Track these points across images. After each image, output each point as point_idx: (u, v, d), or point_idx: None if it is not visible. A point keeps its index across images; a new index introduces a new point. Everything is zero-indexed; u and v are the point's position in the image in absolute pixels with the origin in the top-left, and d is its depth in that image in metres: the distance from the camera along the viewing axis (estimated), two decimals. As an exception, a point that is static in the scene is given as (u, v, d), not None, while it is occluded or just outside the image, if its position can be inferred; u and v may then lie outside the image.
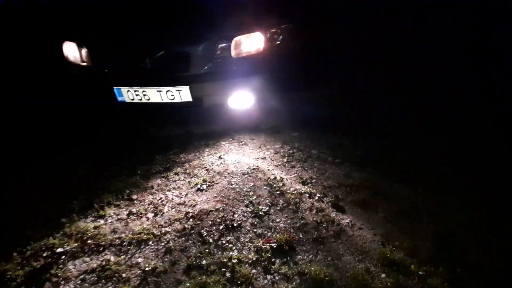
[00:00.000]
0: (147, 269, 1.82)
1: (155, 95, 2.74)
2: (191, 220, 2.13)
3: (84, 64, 2.90)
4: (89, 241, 2.01)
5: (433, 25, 4.21)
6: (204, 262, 1.83)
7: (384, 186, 2.32)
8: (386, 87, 3.58)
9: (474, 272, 1.72)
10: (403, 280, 1.69)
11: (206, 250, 1.91)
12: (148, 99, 2.77)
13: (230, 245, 1.93)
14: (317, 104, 3.22)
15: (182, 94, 2.70)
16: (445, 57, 3.80)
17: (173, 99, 2.74)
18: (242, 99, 2.82)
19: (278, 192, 2.31)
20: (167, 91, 2.70)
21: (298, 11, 3.21)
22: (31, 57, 4.47)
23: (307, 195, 2.27)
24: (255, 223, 2.08)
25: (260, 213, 2.14)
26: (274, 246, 1.89)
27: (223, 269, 1.79)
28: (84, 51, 2.87)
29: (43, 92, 3.89)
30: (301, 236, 1.97)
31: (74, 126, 3.36)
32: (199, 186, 2.43)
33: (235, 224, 2.07)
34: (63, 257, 1.93)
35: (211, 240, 1.97)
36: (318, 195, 2.26)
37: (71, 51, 2.97)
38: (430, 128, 3.00)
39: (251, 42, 2.68)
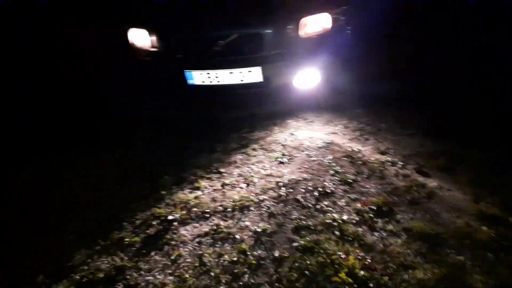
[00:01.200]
0: (257, 230, 1.95)
1: (226, 76, 2.86)
2: (283, 188, 2.26)
3: (153, 49, 3.01)
4: (194, 209, 2.15)
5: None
6: (310, 223, 1.96)
7: (460, 152, 2.43)
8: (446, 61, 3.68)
9: None
10: (503, 231, 1.81)
11: (308, 213, 2.04)
12: (219, 81, 2.89)
13: (330, 208, 2.06)
14: (376, 81, 3.32)
15: (253, 75, 2.82)
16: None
17: (243, 80, 2.86)
18: (307, 78, 2.93)
19: (360, 162, 2.43)
20: (239, 72, 2.81)
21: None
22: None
23: (389, 163, 2.39)
24: (347, 189, 2.20)
25: (349, 180, 2.26)
26: (373, 208, 2.02)
27: (330, 228, 1.91)
28: (153, 37, 2.98)
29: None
30: (395, 199, 2.09)
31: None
32: (280, 159, 2.55)
33: (328, 191, 2.20)
34: (175, 224, 2.06)
35: (309, 205, 2.10)
36: (400, 163, 2.38)
37: (138, 37, 3.08)
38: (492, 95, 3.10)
39: (319, 22, 2.79)
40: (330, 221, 1.95)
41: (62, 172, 2.70)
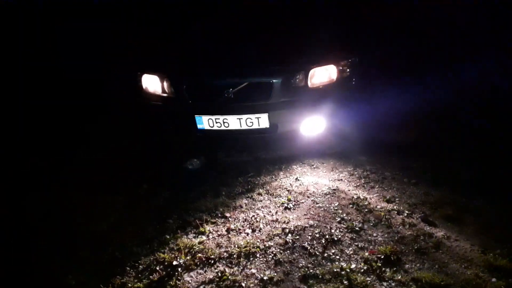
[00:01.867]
0: (264, 278, 1.91)
1: (235, 122, 2.93)
2: (289, 235, 2.24)
3: (165, 95, 3.12)
4: (198, 255, 2.12)
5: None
6: (317, 271, 1.93)
7: (465, 202, 2.43)
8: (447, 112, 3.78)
9: None
10: (515, 284, 1.77)
11: (315, 261, 2.01)
12: (227, 126, 2.96)
13: (337, 257, 2.03)
14: (379, 130, 3.38)
15: (260, 121, 2.89)
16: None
17: (251, 126, 2.93)
18: (313, 125, 3.00)
19: (366, 210, 2.42)
20: (247, 118, 2.89)
21: (362, 45, 3.48)
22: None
23: (395, 212, 2.38)
24: (354, 237, 2.18)
25: (356, 228, 2.25)
26: (381, 257, 1.99)
27: (338, 278, 1.88)
28: (165, 83, 3.09)
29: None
30: (402, 248, 2.07)
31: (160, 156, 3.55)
32: (285, 205, 2.55)
33: (335, 238, 2.18)
34: (179, 269, 2.03)
35: (317, 253, 2.07)
36: (406, 211, 2.37)
37: (151, 83, 3.20)
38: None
39: (326, 74, 2.91)
40: (338, 270, 1.92)
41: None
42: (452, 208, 2.37)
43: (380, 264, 1.94)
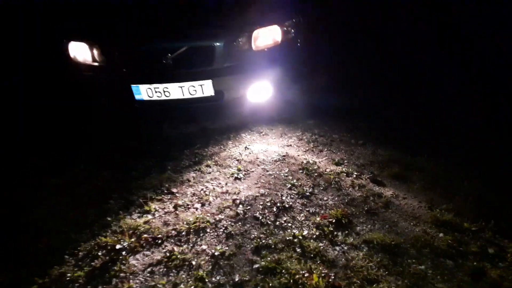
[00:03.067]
0: (215, 253, 1.80)
1: (176, 91, 2.70)
2: (240, 206, 2.13)
3: (96, 64, 2.79)
4: (144, 236, 1.95)
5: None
6: (270, 241, 1.85)
7: (411, 160, 2.47)
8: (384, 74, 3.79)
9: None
10: (459, 237, 1.82)
11: (267, 231, 1.93)
12: (169, 96, 2.73)
13: (289, 224, 1.97)
14: (325, 93, 3.33)
15: (204, 88, 2.69)
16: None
17: (194, 95, 2.72)
18: (260, 91, 2.86)
19: (315, 174, 2.37)
20: (190, 86, 2.67)
21: (307, 6, 3.32)
22: (31, 57, 4.24)
23: (345, 174, 2.36)
24: (305, 203, 2.13)
25: (306, 193, 2.19)
26: (333, 221, 1.95)
27: (291, 246, 1.82)
28: (95, 50, 2.76)
29: (49, 92, 3.71)
30: (353, 210, 2.05)
31: (84, 127, 3.20)
32: (235, 175, 2.43)
33: (286, 206, 2.11)
34: (123, 253, 1.85)
35: (268, 222, 1.99)
36: (355, 173, 2.36)
37: (79, 51, 2.84)
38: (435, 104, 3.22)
39: (270, 35, 2.74)
40: (291, 238, 1.86)
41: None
42: (398, 167, 2.40)
43: (332, 229, 1.90)
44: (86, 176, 2.56)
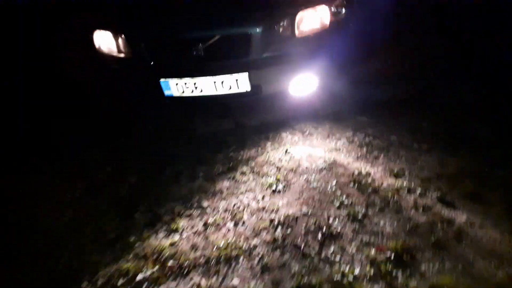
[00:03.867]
0: (249, 293, 1.57)
1: (209, 86, 2.44)
2: (279, 228, 1.87)
3: (122, 55, 2.57)
4: (169, 263, 1.75)
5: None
6: (313, 280, 1.58)
7: (488, 174, 2.05)
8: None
9: None
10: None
11: (310, 265, 1.66)
12: (201, 91, 2.47)
13: (337, 258, 1.68)
14: (380, 83, 2.91)
15: (240, 83, 2.40)
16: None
17: (229, 90, 2.44)
18: (304, 84, 2.52)
19: (370, 190, 2.04)
20: (223, 80, 2.39)
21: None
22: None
23: (406, 190, 2.00)
24: (356, 228, 1.82)
25: (359, 216, 1.88)
26: (391, 256, 1.64)
27: (339, 288, 1.54)
28: (121, 40, 2.53)
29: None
30: (416, 241, 1.71)
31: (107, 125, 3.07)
32: (274, 187, 2.16)
33: (334, 232, 1.81)
34: (145, 284, 1.67)
35: (312, 253, 1.71)
36: (419, 189, 1.99)
37: (104, 41, 2.63)
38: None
39: (316, 18, 2.36)
40: (339, 277, 1.58)
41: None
42: (473, 182, 1.99)
43: (390, 267, 1.59)
44: (109, 181, 2.42)
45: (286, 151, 2.47)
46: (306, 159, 2.36)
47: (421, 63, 3.17)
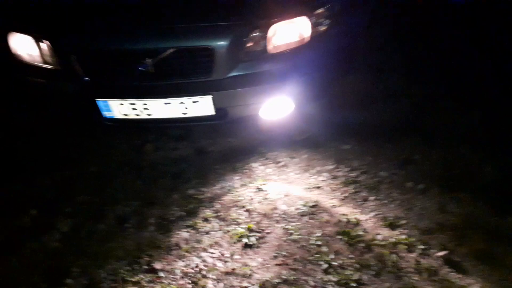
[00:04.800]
0: None
1: (161, 109, 2.01)
2: (253, 304, 1.51)
3: (48, 66, 2.06)
4: None
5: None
6: None
7: (499, 223, 1.81)
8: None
9: None
10: None
11: None
12: (150, 115, 2.03)
13: None
14: (367, 103, 2.62)
15: (200, 106, 1.99)
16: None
17: (187, 114, 2.02)
18: (279, 107, 2.15)
19: (362, 245, 1.73)
20: (180, 103, 1.97)
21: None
22: None
23: (405, 247, 1.70)
24: (351, 303, 1.50)
25: (351, 283, 1.55)
26: None
27: None
28: (45, 47, 2.02)
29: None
30: (425, 321, 1.42)
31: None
32: (245, 239, 1.79)
33: (324, 310, 1.48)
34: None
35: None
36: (420, 246, 1.70)
37: (24, 47, 2.10)
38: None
39: (294, 31, 2.00)
40: None
41: None
42: (482, 237, 1.73)
43: None
44: (34, 229, 1.92)
45: (258, 189, 2.10)
46: (283, 200, 2.00)
47: (410, 81, 2.91)
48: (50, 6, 2.17)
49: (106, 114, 2.07)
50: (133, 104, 1.99)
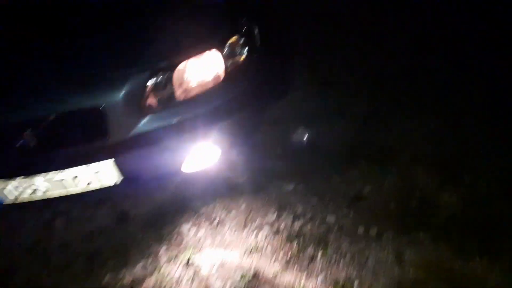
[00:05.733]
0: None
1: (55, 185, 1.67)
2: None
3: None
4: None
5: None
6: None
7: (460, 267, 1.60)
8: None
9: None
10: None
11: None
12: (44, 194, 1.69)
13: None
14: (308, 129, 2.36)
15: (102, 174, 1.67)
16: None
17: (89, 185, 1.70)
18: (201, 157, 1.86)
19: (312, 325, 1.47)
20: (75, 176, 1.64)
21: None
22: None
23: (361, 320, 1.46)
24: None
25: None
26: None
27: None
28: None
29: None
30: None
31: None
32: None
33: None
34: None
35: None
36: (378, 317, 1.47)
37: None
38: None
39: (203, 69, 1.71)
40: None
41: None
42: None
43: None
44: None
45: (188, 262, 1.80)
46: (218, 276, 1.71)
47: (356, 94, 2.69)
48: None
49: (-9, 200, 1.72)
50: (18, 186, 1.65)
